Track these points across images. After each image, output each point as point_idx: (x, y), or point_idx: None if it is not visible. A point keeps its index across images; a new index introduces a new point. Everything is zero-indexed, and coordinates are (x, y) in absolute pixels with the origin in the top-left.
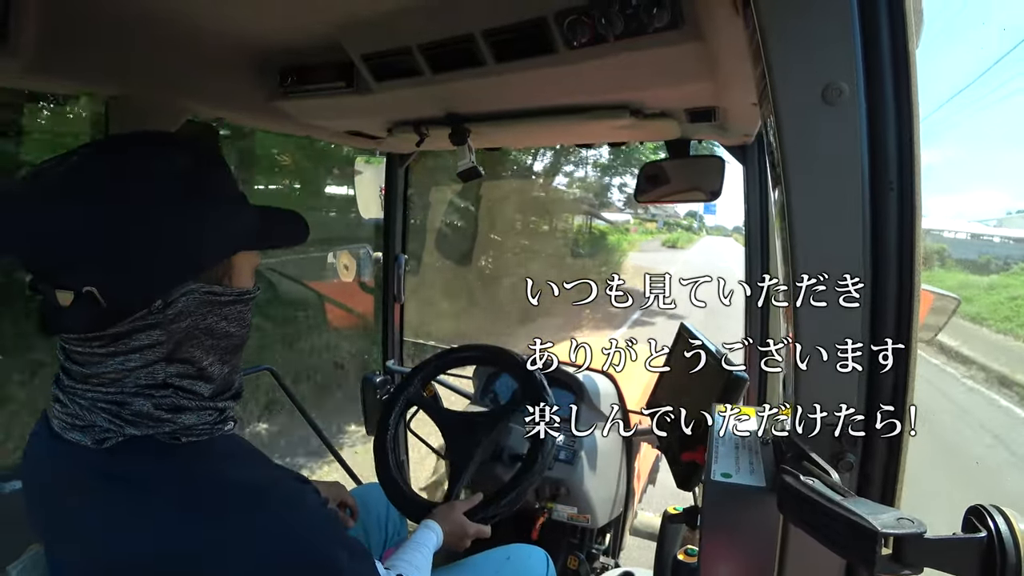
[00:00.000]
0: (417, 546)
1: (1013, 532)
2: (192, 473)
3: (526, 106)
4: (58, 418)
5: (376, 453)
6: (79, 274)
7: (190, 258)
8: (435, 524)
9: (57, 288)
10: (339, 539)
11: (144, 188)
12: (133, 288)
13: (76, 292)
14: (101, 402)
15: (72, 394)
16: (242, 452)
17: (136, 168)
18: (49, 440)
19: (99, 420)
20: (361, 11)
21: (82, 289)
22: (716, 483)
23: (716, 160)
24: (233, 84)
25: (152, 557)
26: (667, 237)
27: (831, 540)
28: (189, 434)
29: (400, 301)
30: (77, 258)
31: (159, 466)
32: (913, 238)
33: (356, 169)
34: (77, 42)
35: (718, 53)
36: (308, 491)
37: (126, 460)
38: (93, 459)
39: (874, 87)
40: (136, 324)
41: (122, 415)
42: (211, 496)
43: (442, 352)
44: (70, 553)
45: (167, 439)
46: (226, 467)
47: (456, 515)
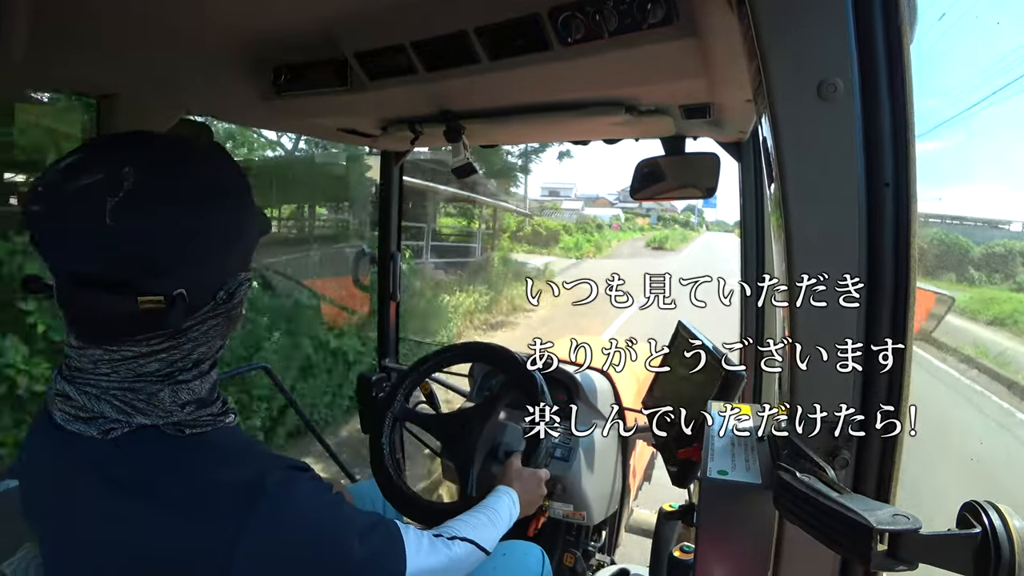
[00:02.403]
0: (481, 507)
1: (1007, 528)
2: (194, 468)
3: (520, 103)
4: (61, 410)
5: (373, 459)
6: (169, 280)
7: (245, 251)
8: (503, 486)
9: (144, 296)
10: (346, 521)
11: (212, 188)
12: (210, 285)
13: (166, 296)
14: (115, 389)
15: (82, 384)
16: (242, 446)
17: (192, 173)
18: (50, 433)
19: (107, 409)
20: (355, 8)
21: (173, 292)
22: (712, 480)
23: (712, 157)
24: (226, 82)
25: (151, 553)
26: (653, 236)
27: (827, 536)
28: (194, 426)
29: (396, 299)
30: (165, 266)
31: (163, 459)
32: (909, 235)
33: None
34: (69, 41)
35: (713, 49)
36: (309, 479)
37: (130, 452)
38: (96, 451)
39: (869, 83)
40: (205, 315)
41: (135, 403)
42: (213, 492)
43: (431, 354)
44: (67, 547)
45: (172, 430)
46: (228, 464)
47: (515, 469)
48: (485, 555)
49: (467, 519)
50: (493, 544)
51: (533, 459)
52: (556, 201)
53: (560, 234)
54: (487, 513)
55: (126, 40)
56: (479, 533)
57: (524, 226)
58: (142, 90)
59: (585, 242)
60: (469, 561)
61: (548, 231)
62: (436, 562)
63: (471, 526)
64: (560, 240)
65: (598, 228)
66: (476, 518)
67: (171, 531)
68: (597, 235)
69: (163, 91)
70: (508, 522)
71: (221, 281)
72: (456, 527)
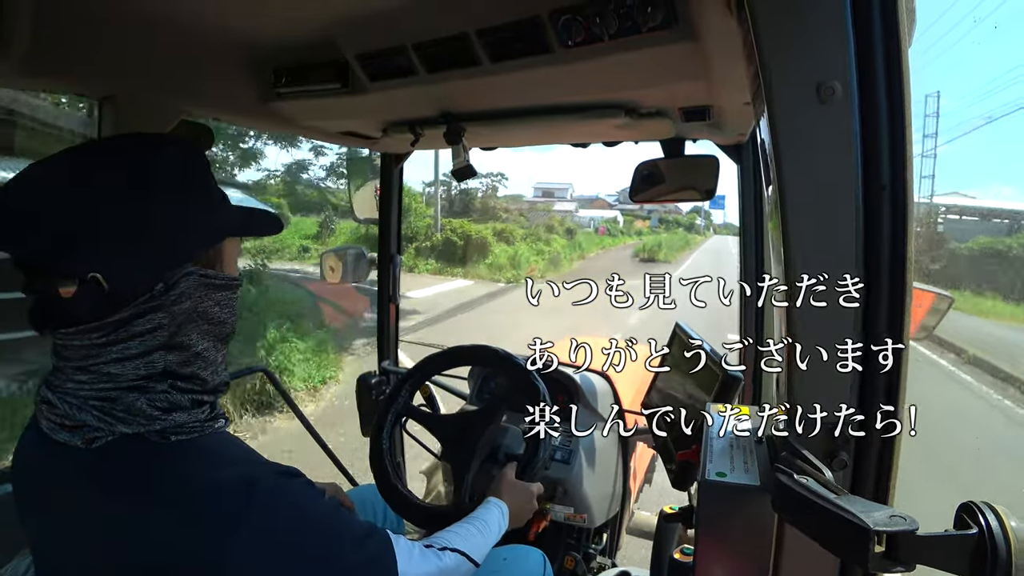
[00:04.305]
0: (471, 519)
1: (1004, 529)
2: (182, 475)
3: (521, 105)
4: (47, 419)
5: (372, 456)
6: (80, 260)
7: (186, 242)
8: (493, 498)
9: (60, 278)
10: (338, 527)
11: (137, 175)
12: (135, 271)
13: (81, 279)
14: (93, 399)
15: (63, 393)
16: (232, 450)
17: (128, 157)
18: (39, 442)
19: (89, 419)
20: (355, 10)
21: (87, 275)
22: (711, 483)
23: (711, 159)
24: (226, 84)
25: (142, 557)
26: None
27: (825, 538)
28: (180, 432)
29: (395, 302)
30: (76, 243)
31: (149, 468)
32: (906, 236)
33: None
34: (70, 43)
35: (712, 52)
36: (302, 484)
37: (116, 461)
38: (82, 461)
39: (867, 86)
40: (140, 308)
41: (114, 412)
42: (203, 495)
43: (432, 356)
44: (59, 557)
45: (157, 438)
46: (218, 468)
47: (508, 481)
48: (474, 567)
49: (458, 530)
50: (483, 556)
51: (533, 464)
52: (548, 202)
53: (491, 245)
54: (477, 525)
55: (127, 42)
56: (469, 544)
57: (432, 233)
58: (143, 92)
59: (534, 255)
60: (459, 572)
61: (475, 240)
62: (426, 572)
63: (461, 537)
64: (489, 254)
65: (568, 234)
66: (466, 529)
67: (162, 534)
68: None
69: (163, 93)
70: (497, 535)
71: (157, 273)
72: (447, 538)
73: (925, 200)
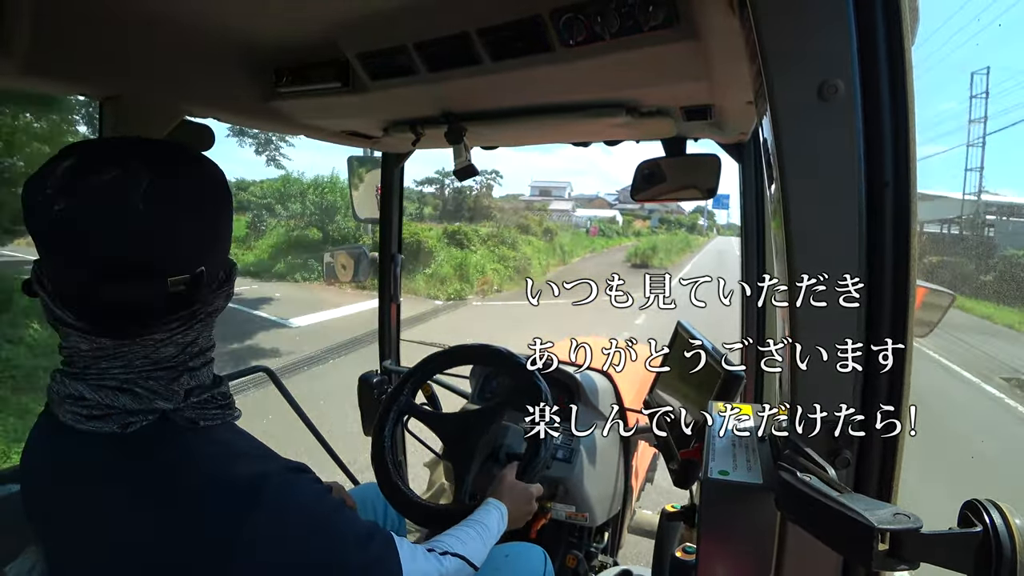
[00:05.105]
0: (470, 521)
1: (1009, 527)
2: (203, 464)
3: (522, 104)
4: (72, 411)
5: (374, 455)
6: (193, 260)
7: (230, 238)
8: (493, 499)
9: (170, 277)
10: (345, 526)
11: (206, 185)
12: (220, 265)
13: (191, 274)
14: (136, 379)
15: (98, 380)
16: (245, 444)
17: (192, 172)
18: (55, 436)
19: (127, 401)
20: (356, 10)
21: (196, 270)
22: (713, 481)
23: (712, 158)
24: (228, 84)
25: (156, 549)
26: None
27: (828, 536)
28: (205, 419)
29: (396, 301)
30: (189, 248)
31: (174, 455)
32: (908, 236)
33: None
34: (72, 43)
35: (713, 51)
36: (310, 480)
37: (141, 447)
38: (107, 448)
39: (870, 85)
40: (214, 295)
41: (156, 389)
42: (219, 489)
43: (434, 354)
44: (75, 547)
45: (186, 423)
46: (235, 459)
47: (508, 483)
48: (474, 570)
49: (457, 533)
50: (482, 559)
51: (534, 464)
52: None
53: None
54: (477, 528)
55: (129, 42)
56: (469, 548)
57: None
58: (144, 92)
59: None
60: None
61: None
62: (428, 575)
63: (461, 541)
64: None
65: (546, 234)
66: (466, 532)
67: (177, 527)
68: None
69: (165, 93)
70: (496, 536)
71: (224, 263)
72: (447, 542)
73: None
